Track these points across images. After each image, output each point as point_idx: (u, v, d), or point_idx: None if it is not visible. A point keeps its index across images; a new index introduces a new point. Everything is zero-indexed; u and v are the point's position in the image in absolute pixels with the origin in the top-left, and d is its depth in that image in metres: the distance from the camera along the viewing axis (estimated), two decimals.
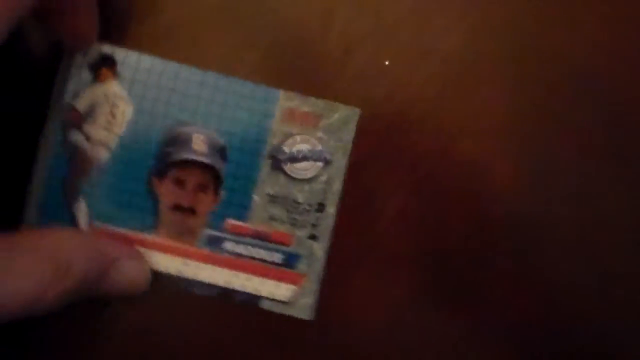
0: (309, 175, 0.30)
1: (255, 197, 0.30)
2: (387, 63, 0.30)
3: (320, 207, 0.30)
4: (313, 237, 0.30)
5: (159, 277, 0.30)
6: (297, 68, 0.30)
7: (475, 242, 0.30)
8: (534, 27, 0.31)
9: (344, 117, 0.30)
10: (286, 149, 0.30)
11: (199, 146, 0.30)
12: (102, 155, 0.30)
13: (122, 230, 0.30)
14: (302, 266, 0.30)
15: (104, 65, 0.30)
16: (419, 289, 0.30)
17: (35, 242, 0.24)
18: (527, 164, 0.30)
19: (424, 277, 0.30)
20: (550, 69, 0.30)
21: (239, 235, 0.30)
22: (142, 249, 0.30)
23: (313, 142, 0.30)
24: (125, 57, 0.30)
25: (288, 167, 0.30)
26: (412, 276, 0.30)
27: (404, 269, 0.30)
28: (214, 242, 0.30)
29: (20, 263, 0.22)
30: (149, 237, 0.30)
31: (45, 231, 0.25)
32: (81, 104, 0.30)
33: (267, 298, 0.30)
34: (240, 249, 0.30)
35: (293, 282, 0.30)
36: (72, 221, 0.30)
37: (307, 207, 0.30)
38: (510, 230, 0.30)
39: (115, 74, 0.30)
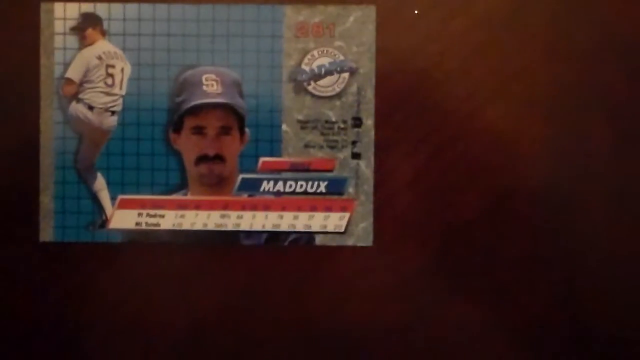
0: (337, 89, 0.27)
1: (285, 127, 0.27)
2: (416, 12, 0.27)
3: (357, 122, 0.27)
4: (356, 156, 0.27)
5: (199, 236, 0.27)
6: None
7: (495, 217, 0.27)
8: None
9: (360, 18, 0.27)
10: (305, 67, 0.27)
11: (211, 87, 0.27)
12: (110, 121, 0.28)
13: (149, 197, 0.27)
14: (350, 190, 0.27)
15: (88, 26, 0.27)
16: (428, 262, 0.28)
17: None
18: (559, 139, 0.27)
19: (434, 248, 0.27)
20: (594, 43, 0.27)
21: (275, 172, 0.27)
22: (175, 212, 0.27)
23: (333, 53, 0.27)
24: (109, 11, 0.27)
25: (312, 87, 0.27)
26: (423, 246, 0.28)
27: (414, 238, 0.27)
28: (251, 186, 0.27)
29: None
30: (179, 197, 0.27)
31: None
32: (74, 73, 0.28)
33: (320, 232, 0.27)
34: (280, 186, 0.27)
35: (344, 209, 0.27)
36: (95, 200, 0.27)
37: (343, 125, 0.27)
38: (533, 206, 0.27)
39: (102, 32, 0.27)
